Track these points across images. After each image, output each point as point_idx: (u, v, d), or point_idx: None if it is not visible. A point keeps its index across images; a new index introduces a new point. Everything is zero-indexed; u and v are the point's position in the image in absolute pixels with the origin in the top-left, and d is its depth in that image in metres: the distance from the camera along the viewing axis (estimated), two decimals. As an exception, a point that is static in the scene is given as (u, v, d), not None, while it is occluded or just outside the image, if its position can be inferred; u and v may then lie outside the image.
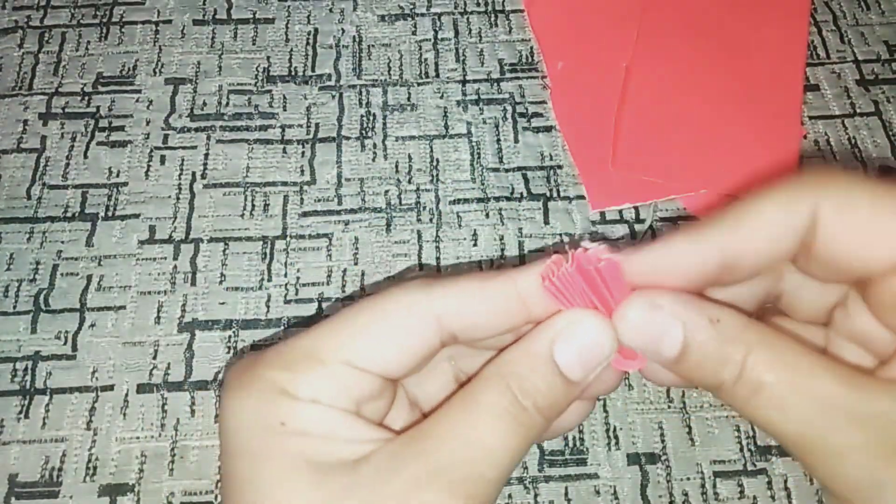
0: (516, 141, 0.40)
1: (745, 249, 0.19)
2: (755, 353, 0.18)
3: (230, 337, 0.35)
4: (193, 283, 0.36)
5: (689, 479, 0.32)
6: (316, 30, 0.43)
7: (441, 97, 0.41)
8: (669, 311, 0.19)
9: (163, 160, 0.39)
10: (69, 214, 0.37)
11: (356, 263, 0.36)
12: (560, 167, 0.39)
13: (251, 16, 0.43)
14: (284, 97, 0.41)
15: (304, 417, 0.19)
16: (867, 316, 0.20)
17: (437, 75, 0.41)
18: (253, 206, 0.38)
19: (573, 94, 0.41)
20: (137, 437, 0.32)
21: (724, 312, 0.19)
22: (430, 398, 0.23)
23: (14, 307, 0.35)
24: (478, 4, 0.44)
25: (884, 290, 0.19)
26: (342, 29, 0.43)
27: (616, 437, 0.33)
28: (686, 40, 0.42)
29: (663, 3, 0.43)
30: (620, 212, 0.38)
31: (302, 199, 0.38)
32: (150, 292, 0.35)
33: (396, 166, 0.39)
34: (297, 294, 0.36)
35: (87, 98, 0.40)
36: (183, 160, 0.39)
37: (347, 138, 0.40)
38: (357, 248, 0.37)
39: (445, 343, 0.20)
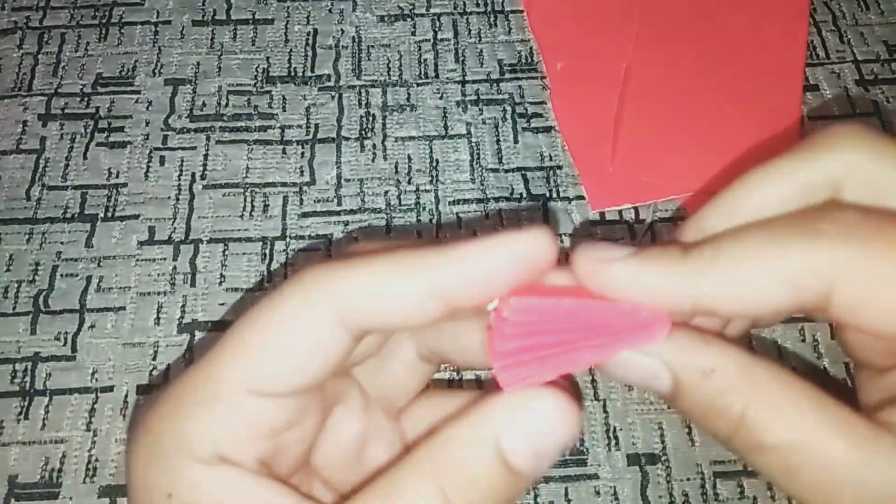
0: (516, 141, 0.40)
1: (725, 303, 0.17)
2: (754, 409, 0.16)
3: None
4: (193, 284, 0.36)
5: (689, 479, 0.32)
6: (315, 30, 0.43)
7: (440, 98, 0.41)
8: (659, 357, 0.17)
9: (162, 161, 0.39)
10: (69, 215, 0.37)
11: (356, 264, 0.36)
12: (560, 168, 0.39)
13: (250, 16, 0.43)
14: (284, 98, 0.41)
15: (196, 487, 0.16)
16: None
17: (437, 76, 0.41)
18: (252, 206, 0.38)
19: (573, 95, 0.41)
20: (137, 439, 0.32)
21: (719, 361, 0.16)
22: (396, 382, 0.20)
23: (14, 308, 0.35)
24: (477, 5, 0.44)
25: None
26: (341, 29, 0.43)
27: (616, 438, 0.33)
28: (685, 41, 0.42)
29: (663, 3, 0.43)
30: (620, 212, 0.38)
31: (301, 199, 0.38)
32: (149, 293, 0.35)
33: (396, 167, 0.39)
34: (296, 295, 0.36)
35: (86, 99, 0.40)
36: (182, 161, 0.39)
37: (347, 139, 0.40)
38: (357, 249, 0.37)
39: (359, 336, 0.17)
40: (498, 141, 0.40)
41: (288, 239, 0.37)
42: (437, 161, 0.39)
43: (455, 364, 0.21)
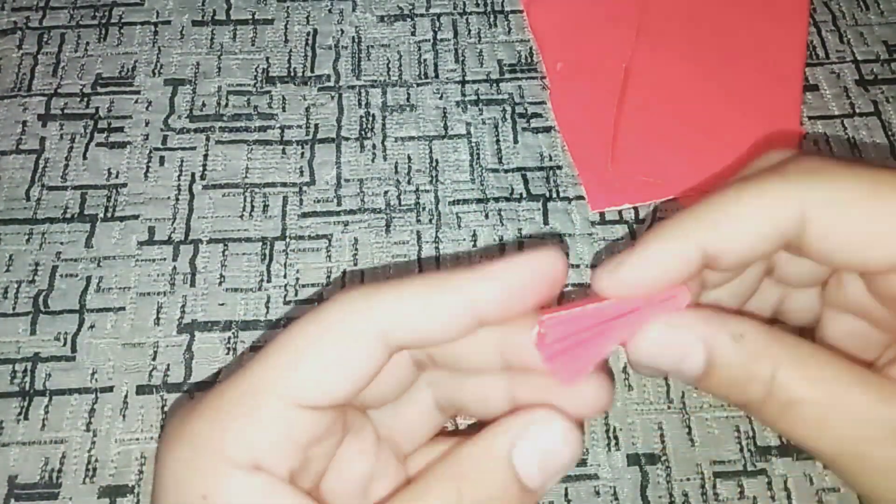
0: (516, 141, 0.40)
1: (726, 248, 0.18)
2: (784, 370, 0.17)
3: (230, 338, 0.34)
4: (193, 285, 0.36)
5: (689, 479, 0.32)
6: (315, 30, 0.43)
7: (440, 98, 0.41)
8: (690, 330, 0.18)
9: (162, 161, 0.39)
10: (68, 216, 0.37)
11: (356, 264, 0.36)
12: (559, 168, 0.39)
13: (250, 17, 0.43)
14: (283, 98, 0.41)
15: (231, 492, 0.17)
16: (863, 289, 0.19)
17: (437, 76, 0.41)
18: (252, 206, 0.38)
19: (572, 95, 0.41)
20: (137, 439, 0.32)
21: (747, 327, 0.18)
22: (409, 428, 0.21)
23: (13, 308, 0.35)
24: (477, 5, 0.44)
25: (887, 285, 0.18)
26: (341, 30, 0.43)
27: (616, 438, 0.33)
28: (686, 40, 0.42)
29: (662, 4, 0.43)
30: (620, 212, 0.38)
31: (301, 199, 0.38)
32: (149, 293, 0.35)
33: (396, 167, 0.39)
34: (296, 295, 0.36)
35: (86, 99, 0.40)
36: (182, 161, 0.39)
37: (347, 139, 0.40)
38: (356, 249, 0.37)
39: (394, 353, 0.19)
40: (498, 141, 0.40)
41: (288, 239, 0.37)
42: (437, 161, 0.39)
43: (472, 414, 0.21)
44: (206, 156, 0.39)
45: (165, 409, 0.33)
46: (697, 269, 0.18)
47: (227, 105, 0.40)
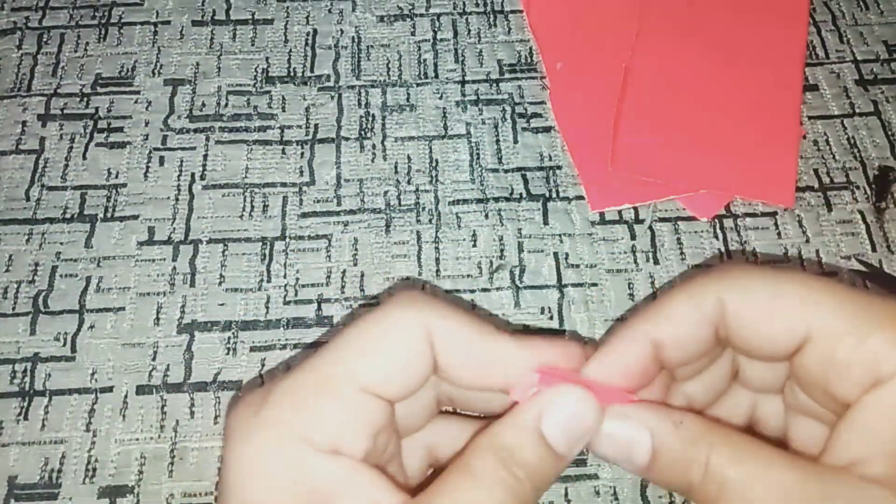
0: (515, 141, 0.40)
1: (668, 341, 0.21)
2: (717, 451, 0.19)
3: (229, 338, 0.34)
4: (192, 285, 0.36)
5: (688, 479, 0.32)
6: (315, 30, 0.43)
7: (440, 98, 0.41)
8: (637, 420, 0.20)
9: (162, 161, 0.39)
10: (68, 216, 0.37)
11: (355, 264, 0.36)
12: (559, 168, 0.39)
13: (250, 17, 0.43)
14: (283, 98, 0.41)
15: (319, 475, 0.18)
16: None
17: (437, 76, 0.41)
18: (252, 206, 0.38)
19: (572, 95, 0.41)
20: (137, 439, 0.32)
21: (686, 416, 0.20)
22: (413, 418, 0.23)
23: (13, 308, 0.35)
24: (476, 5, 0.44)
25: (798, 368, 0.20)
26: (341, 30, 0.43)
27: (616, 438, 0.33)
28: (685, 40, 0.42)
29: (663, 3, 0.43)
30: (620, 212, 0.38)
31: (301, 199, 0.38)
32: (149, 293, 0.35)
33: (395, 167, 0.39)
34: (296, 295, 0.36)
35: (85, 99, 0.40)
36: (182, 161, 0.39)
37: (346, 139, 0.40)
38: (356, 249, 0.37)
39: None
40: (497, 141, 0.40)
41: (287, 239, 0.37)
42: (437, 161, 0.39)
43: (473, 411, 0.24)
44: (205, 156, 0.39)
45: (165, 409, 0.33)
46: (651, 358, 0.21)
47: (226, 105, 0.40)
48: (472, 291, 0.36)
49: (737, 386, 0.23)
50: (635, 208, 0.38)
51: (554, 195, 0.38)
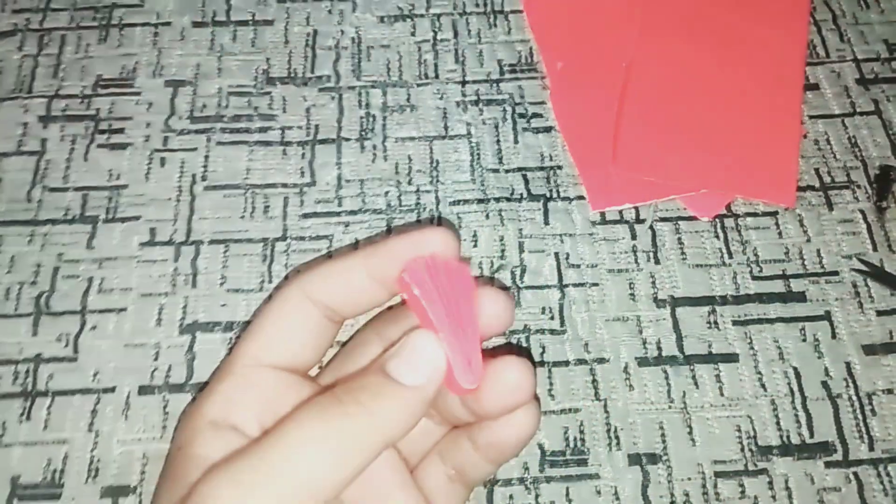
0: (516, 142, 0.40)
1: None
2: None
3: (231, 339, 0.35)
4: (194, 285, 0.36)
5: (689, 479, 0.32)
6: (315, 31, 0.43)
7: (440, 98, 0.41)
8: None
9: (163, 162, 0.39)
10: (70, 217, 0.37)
11: (356, 265, 0.36)
12: (560, 168, 0.39)
13: (250, 17, 0.43)
14: (284, 99, 0.41)
15: (201, 442, 0.21)
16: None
17: (437, 76, 0.41)
18: (253, 207, 0.38)
19: (573, 95, 0.41)
20: (139, 439, 0.32)
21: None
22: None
23: (15, 310, 0.35)
24: (477, 5, 0.44)
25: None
26: (341, 30, 0.43)
27: (617, 438, 0.33)
28: (686, 40, 0.42)
29: (663, 3, 0.43)
30: (620, 212, 0.38)
31: (302, 200, 0.38)
32: (150, 294, 0.35)
33: (396, 167, 0.39)
34: (297, 296, 0.36)
35: (86, 100, 0.40)
36: (183, 162, 0.39)
37: (347, 139, 0.40)
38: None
39: (337, 320, 0.23)
40: (498, 141, 0.40)
41: (289, 240, 0.37)
42: (438, 161, 0.39)
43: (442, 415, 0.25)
44: (206, 157, 0.39)
45: (167, 409, 0.33)
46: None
47: (227, 106, 0.40)
48: (473, 291, 0.36)
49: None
50: (636, 208, 0.38)
51: (555, 195, 0.38)
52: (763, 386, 0.34)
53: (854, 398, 0.33)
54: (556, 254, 0.37)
